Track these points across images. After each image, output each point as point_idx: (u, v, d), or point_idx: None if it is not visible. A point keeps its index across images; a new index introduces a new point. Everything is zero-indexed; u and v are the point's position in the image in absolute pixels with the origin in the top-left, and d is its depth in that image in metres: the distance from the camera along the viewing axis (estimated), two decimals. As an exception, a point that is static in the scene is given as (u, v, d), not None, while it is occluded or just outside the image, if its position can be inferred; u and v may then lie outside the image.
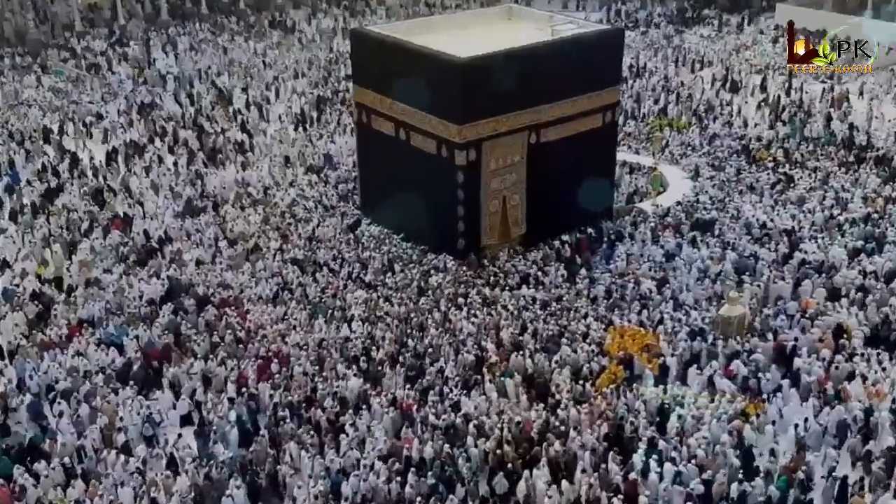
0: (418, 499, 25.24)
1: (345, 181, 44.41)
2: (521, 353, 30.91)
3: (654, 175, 44.32)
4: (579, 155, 38.08)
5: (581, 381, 29.89)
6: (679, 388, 29.56)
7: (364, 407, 28.91)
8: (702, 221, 39.63)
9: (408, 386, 29.72)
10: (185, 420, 29.12)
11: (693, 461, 26.45)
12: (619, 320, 32.95)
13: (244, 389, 29.51)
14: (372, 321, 32.81)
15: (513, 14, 41.90)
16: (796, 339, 31.23)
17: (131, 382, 29.80)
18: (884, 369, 30.01)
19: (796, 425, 27.90)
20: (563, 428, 27.83)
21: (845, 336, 31.08)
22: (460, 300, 34.08)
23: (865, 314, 32.46)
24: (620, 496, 25.19)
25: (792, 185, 42.48)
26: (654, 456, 26.59)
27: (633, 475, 25.94)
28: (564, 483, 25.81)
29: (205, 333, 32.17)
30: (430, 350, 31.01)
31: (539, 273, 36.42)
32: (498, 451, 26.71)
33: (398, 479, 25.88)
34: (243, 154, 46.92)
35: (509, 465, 26.45)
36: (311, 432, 27.78)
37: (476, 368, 30.35)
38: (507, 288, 35.30)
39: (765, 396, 29.30)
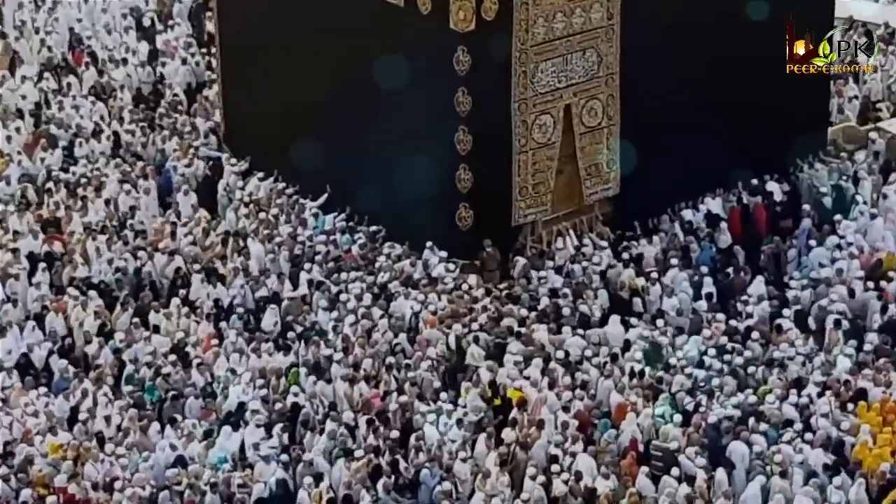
0: None
1: (156, 87, 31.80)
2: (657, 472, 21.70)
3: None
4: (741, 5, 26.73)
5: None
6: None
7: None
8: None
9: None
10: None
11: None
12: (877, 386, 22.93)
13: None
14: (302, 420, 22.87)
15: None
16: None
17: None
18: None
19: None
20: None
21: None
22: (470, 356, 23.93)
23: None
24: None
25: None
26: None
27: None
28: None
29: None
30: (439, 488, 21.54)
31: (651, 286, 25.12)
32: None
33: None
34: None
35: None
36: None
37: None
38: (580, 323, 24.18)
39: None
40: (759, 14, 26.60)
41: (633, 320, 23.89)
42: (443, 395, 22.62)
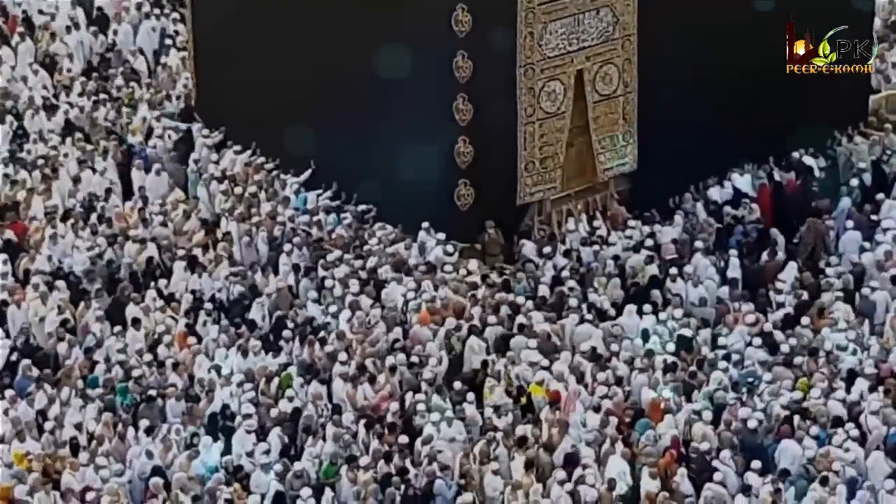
0: None
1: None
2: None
3: None
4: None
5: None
6: None
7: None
8: None
9: None
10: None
11: None
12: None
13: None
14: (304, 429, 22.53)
15: None
16: None
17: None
18: None
19: None
20: None
21: None
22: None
23: None
24: None
25: None
26: None
27: None
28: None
29: None
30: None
31: (671, 279, 24.36)
32: None
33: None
34: None
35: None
36: None
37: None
38: (597, 311, 23.67)
39: None
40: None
41: (648, 308, 22.96)
42: (469, 395, 21.66)
